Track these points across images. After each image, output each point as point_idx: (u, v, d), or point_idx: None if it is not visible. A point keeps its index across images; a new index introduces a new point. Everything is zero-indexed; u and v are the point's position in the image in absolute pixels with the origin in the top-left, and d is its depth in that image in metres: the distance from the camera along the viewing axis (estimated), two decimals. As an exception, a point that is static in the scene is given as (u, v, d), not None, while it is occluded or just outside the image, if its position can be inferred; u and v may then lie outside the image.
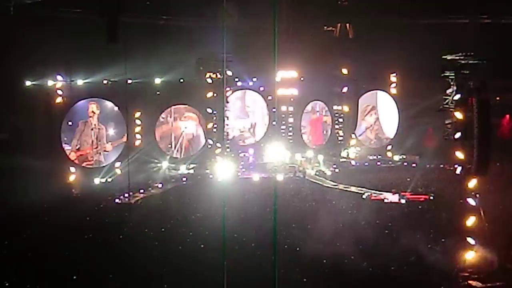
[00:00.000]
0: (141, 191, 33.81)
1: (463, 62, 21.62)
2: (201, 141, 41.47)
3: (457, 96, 21.55)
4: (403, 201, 30.86)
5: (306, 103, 44.95)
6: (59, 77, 35.19)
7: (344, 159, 43.57)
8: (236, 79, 41.50)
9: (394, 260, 20.81)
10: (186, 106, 40.88)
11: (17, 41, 32.73)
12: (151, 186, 35.19)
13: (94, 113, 37.38)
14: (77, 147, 36.77)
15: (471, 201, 21.14)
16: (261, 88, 43.59)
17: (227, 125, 40.39)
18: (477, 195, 21.25)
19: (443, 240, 22.92)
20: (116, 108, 37.82)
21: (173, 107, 40.65)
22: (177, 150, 40.89)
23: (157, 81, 39.19)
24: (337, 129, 45.15)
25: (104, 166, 37.36)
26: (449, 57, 22.05)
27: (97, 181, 36.02)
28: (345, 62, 43.57)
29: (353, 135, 44.88)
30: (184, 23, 40.54)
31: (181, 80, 39.86)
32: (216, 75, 39.22)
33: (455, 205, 23.40)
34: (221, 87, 39.34)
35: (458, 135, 21.51)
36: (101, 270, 20.00)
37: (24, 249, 22.19)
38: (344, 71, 43.60)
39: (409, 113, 44.06)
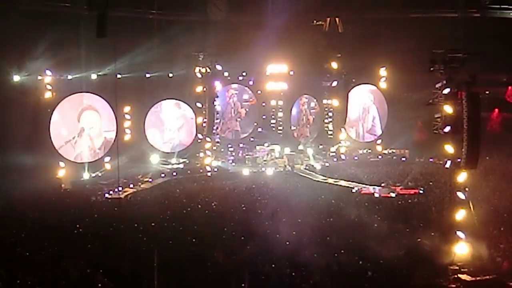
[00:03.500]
0: (131, 185, 33.73)
1: (452, 55, 21.64)
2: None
3: (447, 90, 21.57)
4: (393, 195, 30.88)
5: (295, 97, 44.99)
6: (48, 72, 34.95)
7: (334, 153, 43.55)
8: (226, 73, 41.45)
9: (383, 254, 20.83)
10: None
11: (6, 35, 32.61)
12: (141, 180, 35.10)
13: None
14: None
15: (460, 195, 21.20)
16: (251, 82, 43.62)
17: (217, 119, 40.32)
18: (467, 189, 21.31)
19: (432, 233, 22.96)
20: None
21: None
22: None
23: (147, 75, 39.08)
24: (326, 123, 45.17)
25: (94, 161, 37.33)
26: (438, 51, 22.07)
27: (86, 175, 35.93)
28: (335, 56, 43.58)
29: (342, 129, 44.86)
30: (173, 18, 40.50)
31: (170, 75, 39.80)
32: (206, 69, 39.11)
33: (445, 199, 23.43)
34: (211, 81, 39.28)
35: (447, 129, 21.54)
36: (90, 265, 19.95)
37: (13, 244, 22.13)
38: (334, 65, 43.58)
39: (398, 107, 44.15)
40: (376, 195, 31.23)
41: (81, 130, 37.25)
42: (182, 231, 24.07)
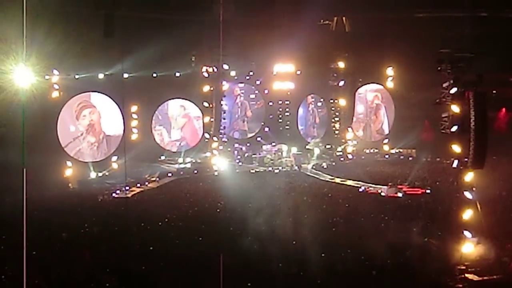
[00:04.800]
0: (138, 185, 33.77)
1: (459, 55, 21.61)
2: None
3: (454, 90, 21.53)
4: (400, 194, 30.80)
5: (302, 97, 45.03)
6: (55, 72, 35.02)
7: (341, 153, 43.58)
8: (233, 73, 41.49)
9: (390, 253, 20.81)
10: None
11: (12, 35, 32.61)
12: (148, 180, 35.13)
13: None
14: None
15: (467, 195, 21.15)
16: (258, 82, 43.63)
17: (224, 119, 40.36)
18: (474, 189, 21.26)
19: (439, 233, 22.94)
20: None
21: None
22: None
23: (153, 75, 39.11)
24: (333, 122, 45.17)
25: (100, 160, 37.44)
26: (445, 51, 22.05)
27: (93, 175, 36.01)
28: (342, 56, 43.62)
29: (349, 129, 44.91)
30: (180, 17, 40.52)
31: (177, 74, 39.82)
32: (213, 69, 39.15)
33: (452, 198, 23.41)
34: (218, 81, 39.31)
35: (454, 128, 21.50)
36: (97, 264, 19.99)
37: (21, 243, 22.15)
38: (341, 64, 43.62)
39: (405, 106, 44.16)
40: (383, 194, 31.20)
41: (89, 126, 37.38)
42: (189, 230, 24.09)
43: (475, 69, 21.66)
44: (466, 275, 19.54)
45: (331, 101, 45.11)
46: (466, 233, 20.94)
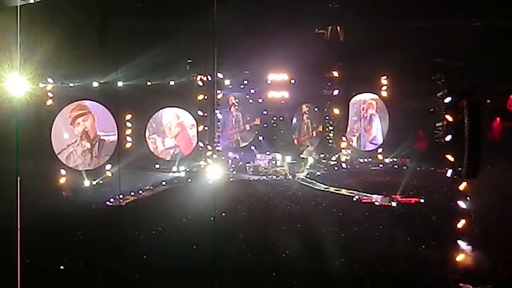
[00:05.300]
0: (132, 193, 33.70)
1: (453, 65, 21.68)
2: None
3: (448, 99, 21.58)
4: (393, 204, 30.81)
5: (297, 106, 45.05)
6: (49, 80, 34.97)
7: (335, 162, 43.60)
8: (227, 82, 41.49)
9: (384, 262, 20.81)
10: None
11: (6, 42, 32.59)
12: (142, 188, 35.06)
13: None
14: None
15: (461, 204, 21.17)
16: (252, 91, 43.63)
17: (218, 127, 40.34)
18: (468, 198, 21.28)
19: (434, 242, 22.94)
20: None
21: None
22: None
23: (148, 83, 39.07)
24: (327, 131, 45.18)
25: (94, 169, 37.34)
26: (439, 60, 22.13)
27: (87, 183, 35.91)
28: (336, 65, 43.66)
29: (343, 138, 44.92)
30: (175, 26, 40.52)
31: (172, 83, 39.82)
32: (207, 78, 39.15)
33: (446, 207, 23.42)
34: (212, 89, 39.29)
35: (448, 137, 21.56)
36: (91, 272, 19.95)
37: (14, 251, 22.09)
38: (335, 74, 43.67)
39: (399, 115, 44.17)
40: (377, 203, 31.20)
41: (82, 133, 37.27)
42: (183, 238, 24.05)
43: (469, 78, 21.74)
44: (460, 284, 19.54)
45: (325, 110, 45.13)
46: (460, 242, 20.96)
